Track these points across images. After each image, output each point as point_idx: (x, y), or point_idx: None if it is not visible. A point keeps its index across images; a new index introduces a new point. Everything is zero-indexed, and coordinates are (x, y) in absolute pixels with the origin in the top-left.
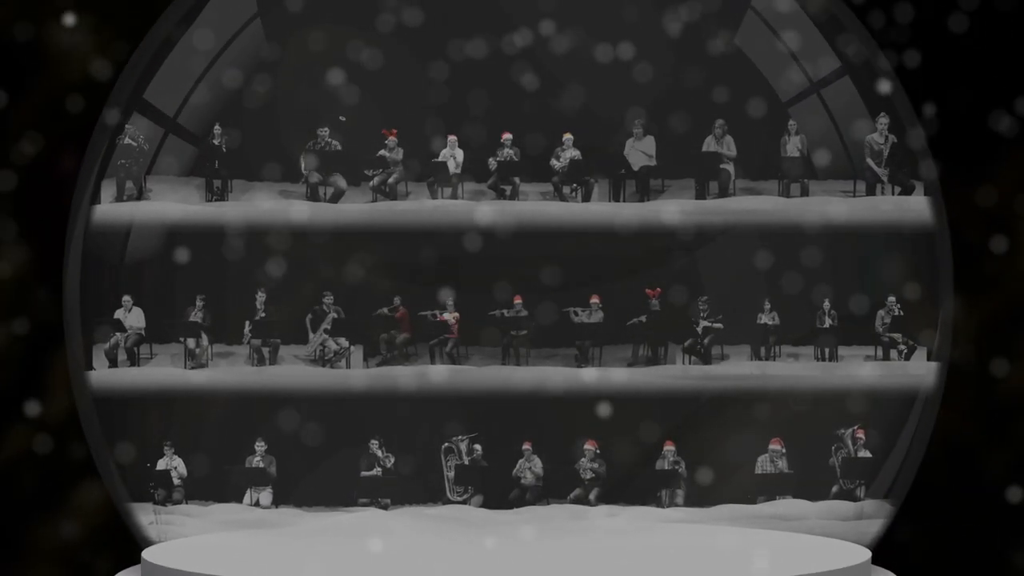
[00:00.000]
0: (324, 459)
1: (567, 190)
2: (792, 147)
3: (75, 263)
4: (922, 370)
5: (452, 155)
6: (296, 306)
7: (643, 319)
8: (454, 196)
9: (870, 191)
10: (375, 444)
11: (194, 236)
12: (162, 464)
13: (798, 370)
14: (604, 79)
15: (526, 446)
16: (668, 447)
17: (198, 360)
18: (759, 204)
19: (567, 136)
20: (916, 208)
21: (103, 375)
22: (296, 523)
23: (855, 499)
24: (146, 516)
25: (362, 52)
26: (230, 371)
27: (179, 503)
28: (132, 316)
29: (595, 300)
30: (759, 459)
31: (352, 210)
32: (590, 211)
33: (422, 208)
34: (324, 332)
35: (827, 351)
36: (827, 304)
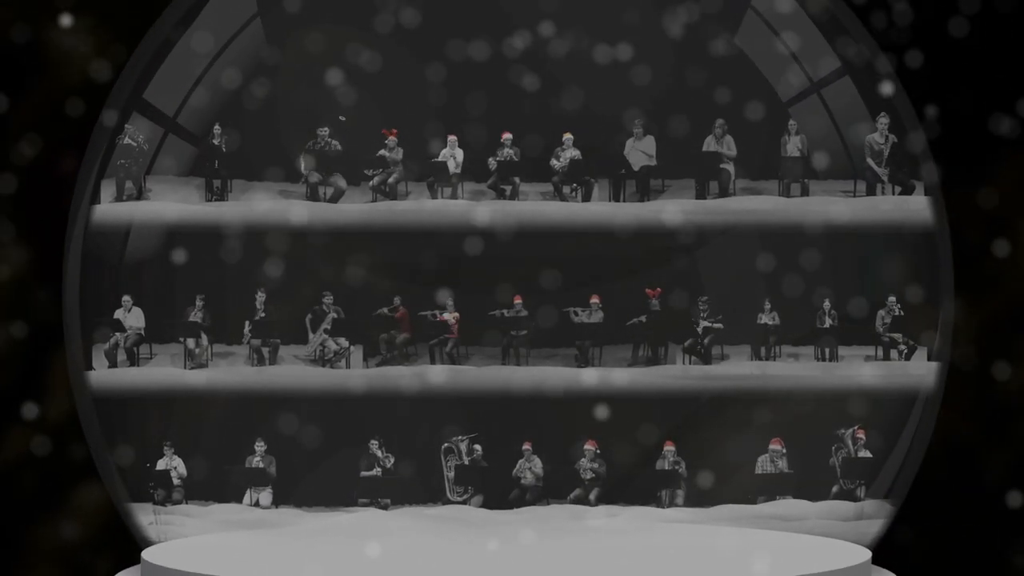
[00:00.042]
0: (324, 459)
1: (567, 190)
2: (792, 147)
3: (75, 263)
4: (922, 370)
5: (452, 155)
6: (296, 306)
7: (643, 319)
8: (454, 196)
9: (870, 191)
10: (375, 444)
11: (194, 236)
12: (162, 464)
13: (798, 370)
14: (604, 79)
15: (526, 446)
16: (668, 447)
17: (198, 360)
18: (759, 204)
19: (567, 136)
20: (916, 208)
21: (103, 375)
22: (296, 523)
23: (855, 499)
24: (146, 516)
25: (362, 52)
26: (230, 371)
27: (179, 503)
28: (132, 316)
29: (595, 300)
30: (759, 459)
31: (352, 210)
32: (590, 211)
33: (422, 208)
34: (324, 332)
35: (827, 351)
36: (827, 304)
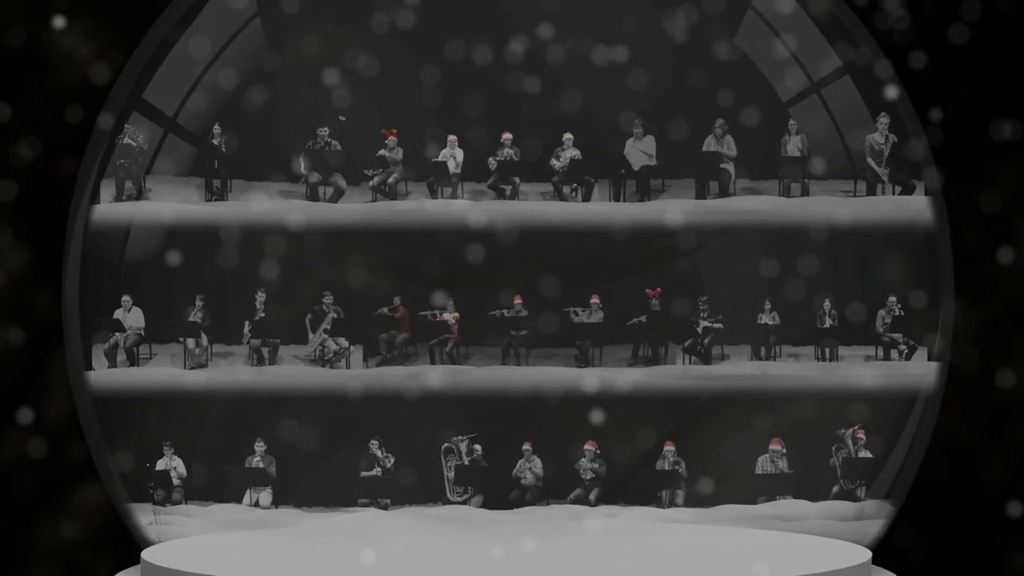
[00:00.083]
0: (324, 459)
1: (567, 190)
2: (792, 147)
3: (74, 263)
4: (923, 370)
5: (452, 155)
6: (296, 306)
7: (643, 319)
8: (454, 196)
9: (870, 191)
10: (375, 444)
11: (194, 236)
12: (161, 464)
13: (798, 370)
14: (604, 79)
15: (526, 446)
16: (668, 447)
17: (198, 360)
18: (759, 204)
19: (567, 136)
20: (917, 208)
21: (102, 375)
22: (296, 523)
23: (856, 499)
24: (145, 516)
25: (362, 52)
26: (229, 371)
27: (178, 503)
28: (131, 316)
29: (595, 300)
30: (759, 459)
31: (352, 210)
32: (590, 211)
33: (422, 208)
34: (324, 332)
35: (827, 351)
36: (827, 304)
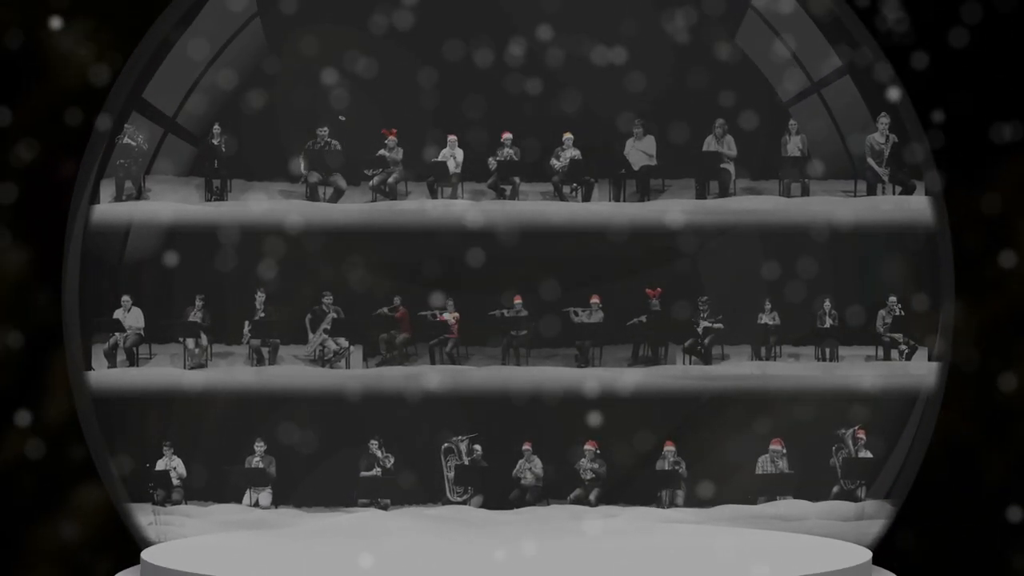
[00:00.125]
0: (323, 459)
1: (567, 190)
2: (793, 147)
3: (74, 263)
4: (923, 370)
5: (452, 155)
6: (295, 306)
7: (643, 319)
8: (454, 196)
9: (871, 191)
10: (375, 444)
11: (193, 236)
12: (161, 464)
13: (799, 370)
14: (604, 79)
15: (526, 446)
16: (668, 447)
17: (197, 360)
18: (760, 204)
19: (567, 136)
20: (917, 208)
21: (102, 375)
22: (296, 524)
23: (856, 499)
24: (145, 517)
25: (362, 52)
26: (229, 371)
27: (178, 503)
28: (131, 316)
29: (595, 300)
30: (759, 459)
31: (352, 210)
32: (590, 211)
33: (422, 208)
34: (324, 332)
35: (828, 351)
36: (828, 304)
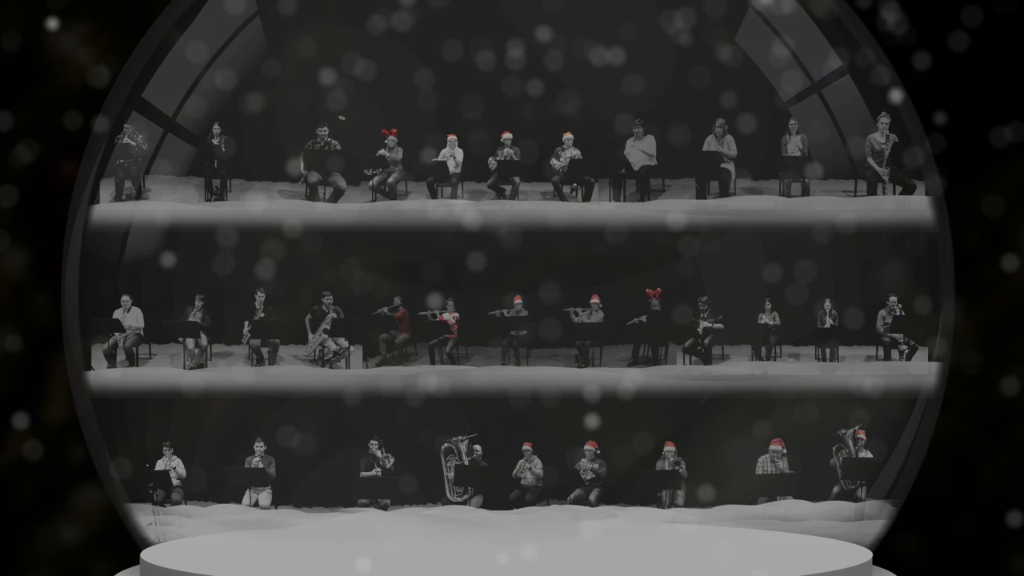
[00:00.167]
0: (323, 460)
1: (567, 190)
2: (793, 146)
3: (74, 263)
4: (923, 370)
5: (452, 154)
6: (295, 306)
7: (643, 319)
8: (454, 196)
9: (871, 191)
10: (374, 444)
11: (193, 236)
12: (161, 465)
13: (799, 370)
14: (604, 78)
15: (526, 447)
16: (668, 447)
17: (197, 360)
18: (760, 204)
19: (567, 136)
20: (917, 208)
21: (102, 375)
22: (295, 524)
23: (856, 500)
24: (145, 517)
25: (362, 52)
26: (229, 371)
27: (178, 504)
28: (131, 316)
29: (595, 300)
30: (760, 459)
31: (352, 210)
32: (590, 211)
33: (422, 208)
34: (323, 332)
35: (828, 351)
36: (828, 304)
